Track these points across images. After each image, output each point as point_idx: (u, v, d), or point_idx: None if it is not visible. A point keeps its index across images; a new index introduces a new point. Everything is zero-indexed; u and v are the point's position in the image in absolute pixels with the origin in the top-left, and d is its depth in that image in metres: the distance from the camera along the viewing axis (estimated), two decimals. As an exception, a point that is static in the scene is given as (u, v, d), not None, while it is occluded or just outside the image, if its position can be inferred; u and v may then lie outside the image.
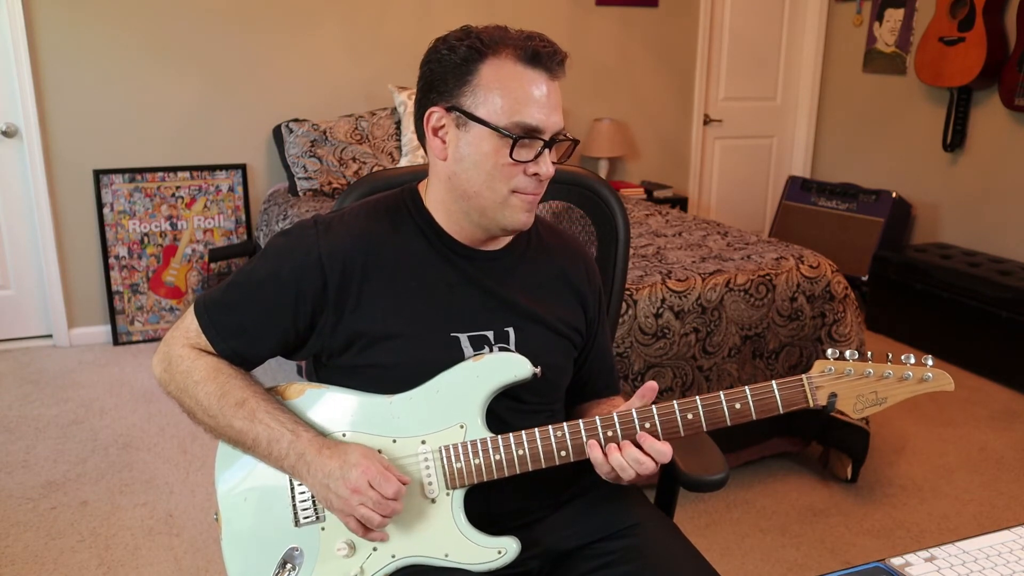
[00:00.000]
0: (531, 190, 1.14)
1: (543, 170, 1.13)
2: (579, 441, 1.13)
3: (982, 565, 1.01)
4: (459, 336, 1.18)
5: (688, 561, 1.20)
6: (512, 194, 1.14)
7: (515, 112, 1.10)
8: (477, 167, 1.13)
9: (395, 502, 1.07)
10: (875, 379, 1.10)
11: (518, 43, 1.11)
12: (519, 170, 1.12)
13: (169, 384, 1.19)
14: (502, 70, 1.10)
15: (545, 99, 1.11)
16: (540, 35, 1.13)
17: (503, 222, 1.16)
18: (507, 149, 1.10)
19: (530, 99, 1.10)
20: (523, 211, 1.15)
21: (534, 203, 1.16)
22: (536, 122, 1.10)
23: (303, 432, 1.12)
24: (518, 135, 1.10)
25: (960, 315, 3.68)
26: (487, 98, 1.10)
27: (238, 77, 3.84)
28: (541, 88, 1.11)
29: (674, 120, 4.80)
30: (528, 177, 1.13)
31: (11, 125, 3.55)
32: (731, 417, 1.12)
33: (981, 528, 2.47)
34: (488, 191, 1.13)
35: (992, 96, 4.00)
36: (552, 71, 1.12)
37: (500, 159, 1.11)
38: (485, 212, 1.15)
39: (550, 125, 1.12)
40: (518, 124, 1.10)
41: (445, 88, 1.13)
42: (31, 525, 2.40)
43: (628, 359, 2.38)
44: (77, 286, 3.79)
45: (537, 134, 1.11)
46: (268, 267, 1.17)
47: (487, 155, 1.11)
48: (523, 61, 1.10)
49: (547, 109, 1.11)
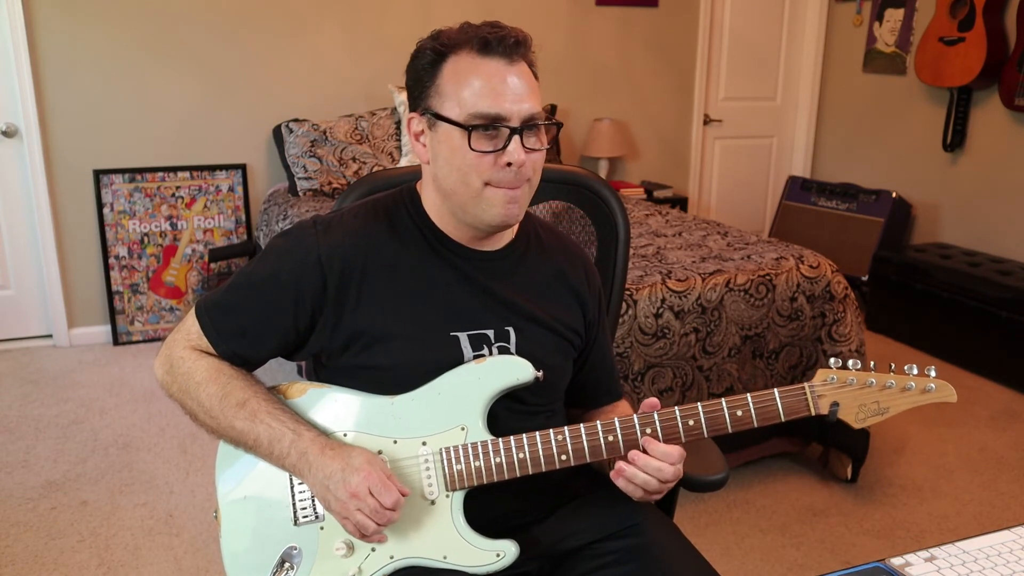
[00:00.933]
0: (505, 183, 1.12)
1: (514, 158, 1.10)
2: (580, 445, 1.13)
3: (982, 565, 1.01)
4: (459, 335, 1.18)
5: (688, 561, 1.19)
6: (486, 187, 1.12)
7: (471, 104, 1.09)
8: (449, 164, 1.13)
9: (392, 512, 1.07)
10: (877, 389, 1.10)
11: (476, 35, 1.10)
12: (488, 161, 1.10)
13: (171, 386, 1.19)
14: (459, 65, 1.11)
15: (504, 86, 1.09)
16: (493, 22, 1.12)
17: (482, 216, 1.14)
18: (467, 141, 1.10)
19: (484, 88, 1.09)
20: (500, 204, 1.13)
21: (514, 197, 1.13)
22: (494, 110, 1.08)
23: (305, 431, 1.12)
24: (472, 125, 1.09)
25: (960, 315, 3.68)
26: (448, 95, 1.11)
27: (238, 77, 3.84)
28: (500, 74, 1.10)
29: (674, 120, 4.80)
30: (501, 168, 1.11)
31: (11, 125, 3.55)
32: (732, 424, 1.12)
33: (981, 528, 2.47)
34: (462, 187, 1.13)
35: (992, 96, 4.00)
36: (509, 56, 1.10)
37: (466, 152, 1.10)
38: (465, 208, 1.15)
39: (514, 111, 1.09)
40: (476, 114, 1.09)
41: (418, 93, 1.15)
42: (31, 525, 2.40)
43: (628, 359, 2.38)
44: (77, 286, 3.79)
45: (498, 121, 1.09)
46: (268, 268, 1.17)
47: (455, 151, 1.11)
48: (477, 52, 1.10)
49: (509, 96, 1.09)
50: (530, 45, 1.14)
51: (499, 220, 1.14)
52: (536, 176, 1.16)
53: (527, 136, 1.12)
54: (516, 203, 1.14)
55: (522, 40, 1.12)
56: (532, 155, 1.13)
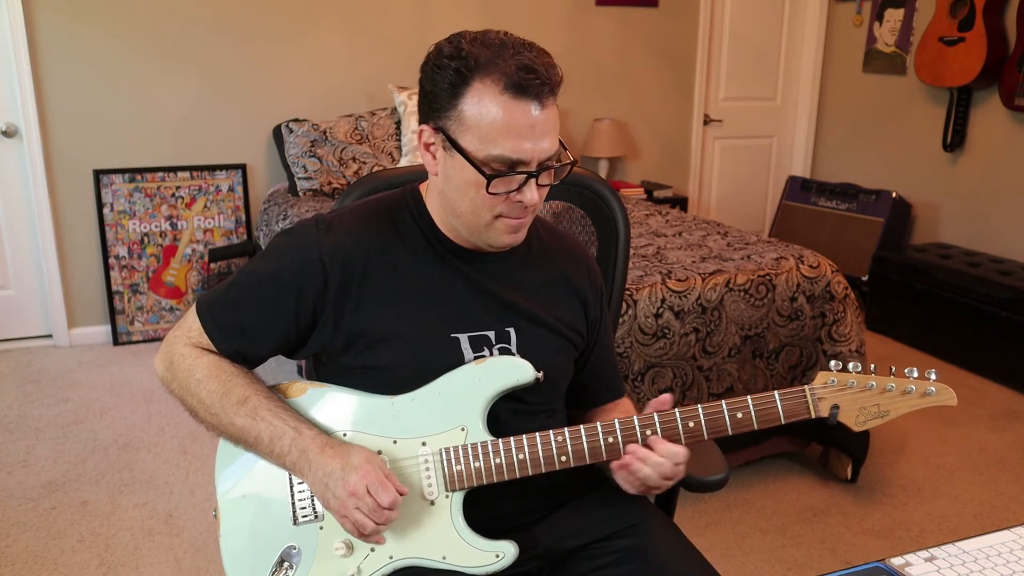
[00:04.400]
0: (516, 215, 1.12)
1: (527, 199, 1.09)
2: (580, 446, 1.13)
3: (982, 565, 1.01)
4: (459, 337, 1.18)
5: (688, 561, 1.20)
6: (496, 219, 1.13)
7: (494, 144, 1.05)
8: (461, 192, 1.11)
9: (390, 511, 1.07)
10: (878, 392, 1.10)
11: (506, 70, 1.04)
12: (501, 199, 1.10)
13: (172, 383, 1.19)
14: (485, 98, 1.05)
15: (530, 130, 1.06)
16: (532, 62, 1.05)
17: (489, 241, 1.16)
18: (485, 183, 1.07)
19: (511, 131, 1.05)
20: (508, 233, 1.14)
21: (521, 226, 1.15)
22: (516, 155, 1.06)
23: (306, 430, 1.12)
24: (493, 173, 1.06)
25: (960, 315, 3.68)
26: (469, 127, 1.06)
27: (238, 77, 3.84)
28: (527, 119, 1.05)
29: (674, 120, 4.80)
30: (513, 203, 1.11)
31: (11, 125, 3.55)
32: (732, 426, 1.12)
33: (981, 528, 2.47)
34: (472, 215, 1.13)
35: (992, 96, 4.00)
36: (542, 100, 1.06)
37: (480, 190, 1.09)
38: (471, 231, 1.16)
39: (536, 153, 1.07)
40: (496, 158, 1.06)
41: (435, 107, 1.09)
42: (31, 525, 2.40)
43: (628, 359, 2.38)
44: (77, 286, 3.79)
45: (518, 166, 1.07)
46: (269, 266, 1.17)
47: (469, 184, 1.09)
48: (509, 91, 1.04)
49: (532, 139, 1.06)
50: (558, 83, 1.08)
51: (504, 246, 1.17)
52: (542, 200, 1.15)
53: (543, 176, 1.11)
54: (523, 229, 1.16)
55: (557, 83, 1.07)
56: (543, 189, 1.13)
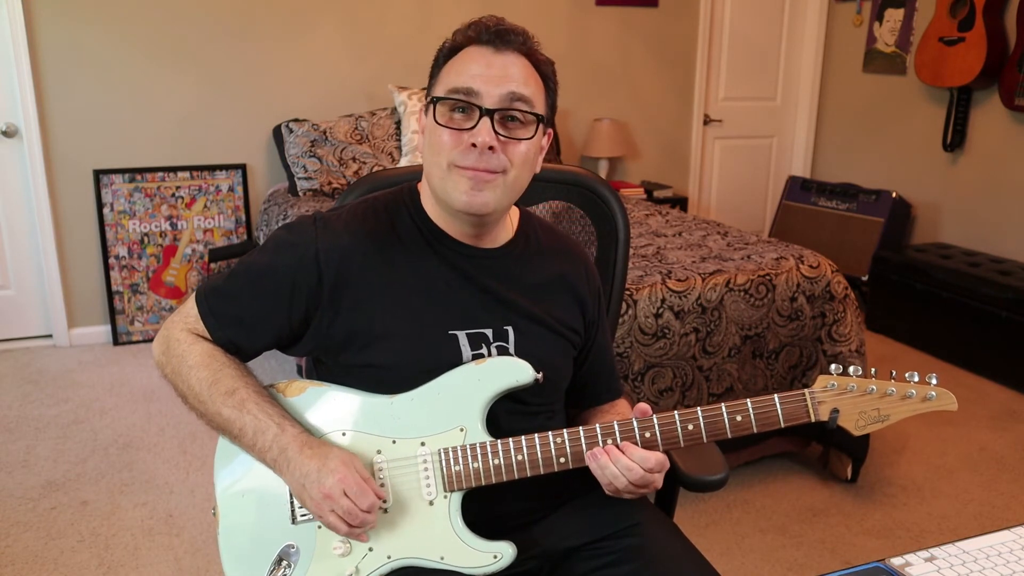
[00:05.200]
0: (469, 164, 1.10)
1: (477, 139, 1.08)
2: (579, 448, 1.13)
3: (982, 565, 1.01)
4: (457, 334, 1.17)
5: (688, 561, 1.19)
6: (451, 168, 1.11)
7: (449, 81, 1.11)
8: (426, 144, 1.16)
9: (368, 514, 1.07)
10: (878, 396, 1.10)
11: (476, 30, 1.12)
12: (454, 139, 1.10)
13: (165, 367, 1.20)
14: (458, 57, 1.14)
15: (481, 66, 1.10)
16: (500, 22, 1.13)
17: (448, 198, 1.13)
18: (434, 114, 1.12)
19: (465, 68, 1.11)
20: (464, 189, 1.10)
21: (480, 183, 1.09)
22: (464, 83, 1.10)
23: (289, 427, 1.12)
24: (438, 96, 1.11)
25: (960, 315, 3.68)
26: (440, 81, 1.14)
27: (238, 77, 3.84)
28: (483, 58, 1.11)
29: (674, 120, 4.80)
30: (467, 149, 1.09)
31: (11, 125, 3.55)
32: (732, 429, 1.12)
33: (981, 528, 2.47)
34: (433, 166, 1.14)
35: (992, 96, 4.00)
36: (495, 44, 1.11)
37: (435, 128, 1.12)
38: (435, 189, 1.15)
39: (490, 92, 1.09)
40: (449, 90, 1.11)
41: (430, 85, 1.18)
42: (31, 525, 2.40)
43: (628, 359, 2.38)
44: (77, 286, 3.79)
45: (468, 97, 1.09)
46: (267, 259, 1.18)
47: (430, 130, 1.14)
48: (472, 42, 1.13)
49: (483, 74, 1.09)
50: (526, 39, 1.14)
51: (462, 205, 1.11)
52: (519, 170, 1.13)
53: (505, 123, 1.11)
54: (484, 192, 1.10)
55: (523, 39, 1.13)
56: (510, 145, 1.11)
